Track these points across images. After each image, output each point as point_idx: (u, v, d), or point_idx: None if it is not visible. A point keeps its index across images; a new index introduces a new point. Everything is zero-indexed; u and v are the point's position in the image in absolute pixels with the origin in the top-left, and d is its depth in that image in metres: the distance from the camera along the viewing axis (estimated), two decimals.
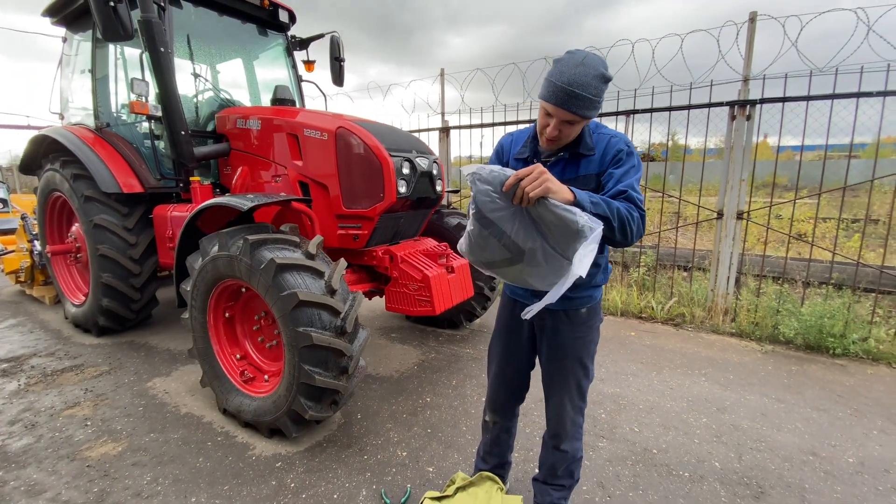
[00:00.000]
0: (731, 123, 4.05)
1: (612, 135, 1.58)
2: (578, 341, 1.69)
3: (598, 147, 1.56)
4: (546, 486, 1.88)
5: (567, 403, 1.76)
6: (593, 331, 1.73)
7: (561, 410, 1.77)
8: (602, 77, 1.41)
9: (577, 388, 1.75)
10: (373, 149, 2.93)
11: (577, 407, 1.78)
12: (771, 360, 3.63)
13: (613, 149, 1.54)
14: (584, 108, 1.42)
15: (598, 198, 1.38)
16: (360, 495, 2.14)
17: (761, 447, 2.52)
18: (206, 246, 2.55)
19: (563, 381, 1.74)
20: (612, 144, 1.55)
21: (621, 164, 1.52)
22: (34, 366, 3.64)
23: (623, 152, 1.53)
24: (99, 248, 3.72)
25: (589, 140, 1.56)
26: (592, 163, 1.56)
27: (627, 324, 4.45)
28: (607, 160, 1.54)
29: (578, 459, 1.86)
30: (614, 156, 1.53)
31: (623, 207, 1.40)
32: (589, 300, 1.70)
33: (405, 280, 3.17)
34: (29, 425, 2.78)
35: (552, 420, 1.82)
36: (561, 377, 1.74)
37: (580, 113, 1.43)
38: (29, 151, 4.53)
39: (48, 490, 2.21)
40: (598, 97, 1.44)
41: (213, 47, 4.32)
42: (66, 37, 4.52)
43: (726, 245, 4.16)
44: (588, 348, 1.73)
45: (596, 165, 1.56)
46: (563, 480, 1.86)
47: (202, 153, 3.52)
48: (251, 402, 2.57)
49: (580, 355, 1.71)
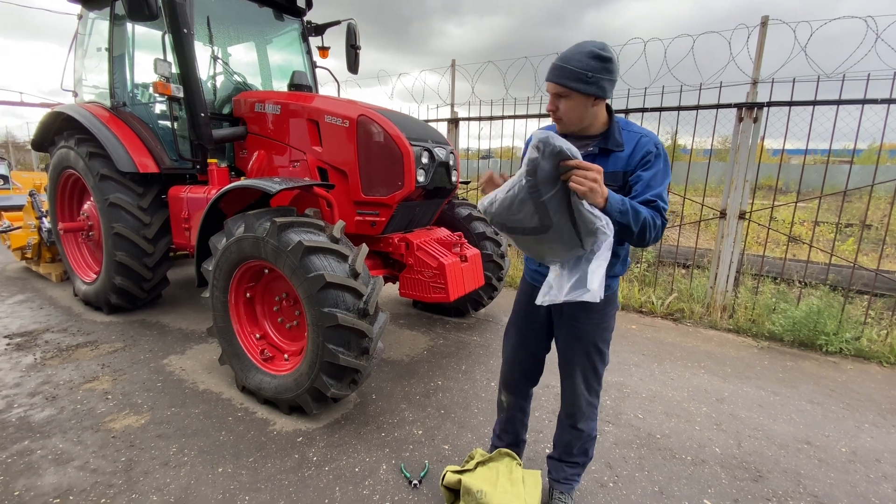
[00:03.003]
0: (738, 125, 4.15)
1: (642, 133, 1.61)
2: (595, 328, 1.76)
3: (627, 144, 1.59)
4: (561, 462, 1.99)
5: (582, 385, 1.83)
6: (609, 318, 1.79)
7: (577, 391, 1.85)
8: (592, 54, 1.45)
9: (592, 371, 1.82)
10: (394, 138, 2.99)
11: (592, 389, 1.86)
12: (767, 355, 3.77)
13: (643, 149, 1.56)
14: (569, 78, 1.46)
15: (627, 205, 1.43)
16: (380, 469, 2.24)
17: (759, 435, 2.65)
18: (232, 227, 2.62)
19: (579, 365, 1.82)
20: (641, 144, 1.57)
21: (650, 166, 1.54)
22: (48, 341, 3.69)
23: (652, 154, 1.55)
24: (114, 227, 3.76)
25: (618, 136, 1.59)
26: (620, 160, 1.59)
27: (628, 317, 4.57)
28: (636, 160, 1.56)
29: (593, 438, 1.96)
30: (643, 157, 1.55)
31: (649, 216, 1.46)
32: (606, 289, 1.75)
33: (420, 267, 3.25)
34: (49, 397, 2.85)
35: (568, 400, 1.89)
36: (578, 361, 1.81)
37: (564, 83, 1.47)
38: (42, 128, 4.53)
39: (75, 459, 2.28)
40: (586, 70, 1.46)
41: (229, 30, 4.33)
42: (81, 14, 4.50)
43: (728, 244, 4.28)
44: (604, 334, 1.79)
45: (623, 163, 1.58)
46: (578, 458, 1.96)
47: (220, 136, 3.56)
48: (272, 380, 2.65)
49: (596, 341, 1.78)
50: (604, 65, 1.47)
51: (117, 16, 3.94)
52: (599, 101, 1.55)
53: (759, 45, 4.08)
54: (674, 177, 5.08)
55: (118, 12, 3.91)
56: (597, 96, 1.51)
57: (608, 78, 1.49)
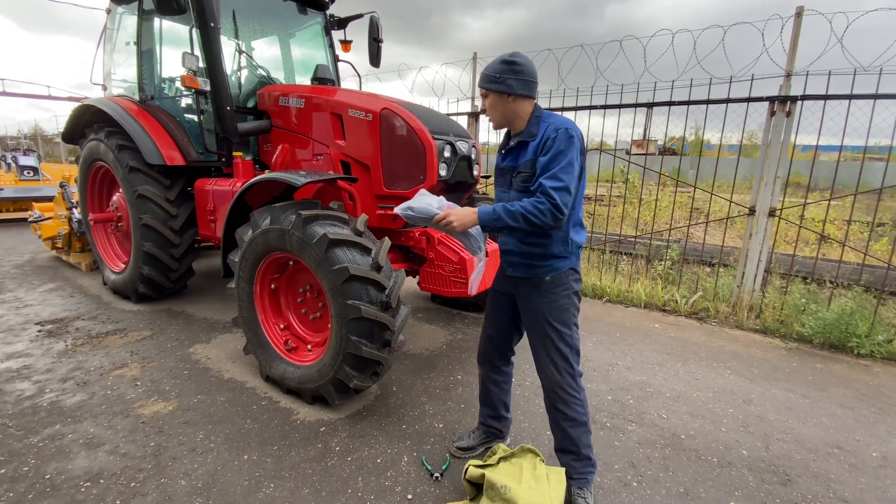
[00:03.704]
0: (770, 119, 4.02)
1: (551, 123, 1.77)
2: (546, 305, 1.87)
3: (538, 135, 1.78)
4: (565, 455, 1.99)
5: (550, 364, 1.92)
6: (560, 297, 1.88)
7: (547, 372, 1.94)
8: (501, 60, 1.78)
9: (556, 350, 1.89)
10: (417, 131, 2.98)
11: (563, 370, 1.91)
12: (795, 357, 3.67)
13: (545, 137, 1.73)
14: (485, 81, 1.80)
15: (499, 212, 1.68)
16: (402, 461, 2.25)
17: (787, 438, 2.58)
18: (258, 219, 2.65)
19: (541, 342, 1.93)
20: (546, 132, 1.74)
21: (546, 150, 1.71)
22: (78, 328, 3.81)
23: (551, 138, 1.71)
24: (142, 218, 3.85)
25: (533, 128, 1.80)
26: (530, 150, 1.78)
27: (651, 316, 4.50)
28: (540, 146, 1.75)
29: (584, 424, 1.94)
30: (544, 143, 1.73)
31: (527, 207, 1.65)
32: (551, 270, 1.86)
33: (441, 261, 3.24)
34: (80, 383, 2.94)
35: (544, 384, 1.99)
36: (539, 338, 1.93)
37: (482, 85, 1.82)
38: (72, 121, 4.65)
39: (106, 443, 2.35)
40: (496, 74, 1.77)
41: (254, 24, 4.37)
42: (109, 9, 4.59)
43: (756, 242, 4.17)
44: (559, 314, 1.88)
45: (532, 152, 1.77)
46: (576, 448, 1.95)
47: (245, 129, 3.60)
48: (295, 370, 2.69)
49: (549, 319, 1.88)
50: (510, 66, 1.76)
51: (145, 10, 4.01)
52: (515, 99, 1.79)
53: (793, 36, 3.94)
54: (700, 173, 4.97)
55: (146, 7, 3.98)
56: (507, 93, 1.77)
57: (514, 77, 1.76)
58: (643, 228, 7.03)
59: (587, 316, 4.43)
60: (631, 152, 9.53)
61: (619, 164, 8.99)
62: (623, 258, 5.79)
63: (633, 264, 5.51)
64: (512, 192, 1.87)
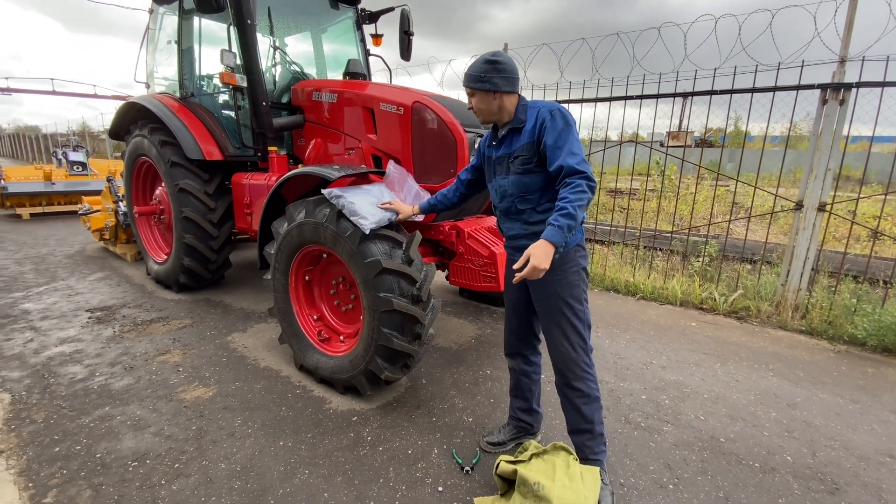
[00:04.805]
0: (822, 108, 3.78)
1: (540, 106, 1.85)
2: (558, 283, 1.89)
3: (529, 119, 1.85)
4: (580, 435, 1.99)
5: (564, 341, 1.92)
6: (571, 274, 1.90)
7: (561, 348, 1.94)
8: (485, 60, 1.84)
9: (570, 326, 1.91)
10: (448, 124, 2.96)
11: (577, 345, 1.92)
12: (845, 360, 3.47)
13: (540, 118, 1.80)
14: (471, 80, 1.86)
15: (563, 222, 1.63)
16: (432, 453, 2.27)
17: (836, 445, 2.45)
18: (293, 212, 2.70)
19: (555, 321, 1.93)
20: (539, 116, 1.81)
21: (547, 130, 1.77)
22: (125, 315, 4.00)
23: (546, 119, 1.78)
24: (183, 211, 4.00)
25: (521, 115, 1.88)
26: (525, 134, 1.85)
27: (687, 314, 4.35)
28: (537, 128, 1.81)
29: (596, 400, 1.96)
30: (541, 125, 1.79)
31: (570, 198, 1.65)
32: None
33: (471, 256, 3.22)
34: (127, 367, 3.09)
35: (556, 362, 1.98)
36: (552, 316, 1.94)
37: (469, 85, 1.88)
38: (118, 118, 4.86)
39: (151, 426, 2.47)
40: (482, 73, 1.83)
41: (288, 20, 4.44)
42: (151, 9, 4.76)
43: (803, 238, 3.95)
44: (570, 290, 1.90)
45: (528, 135, 1.84)
46: (589, 425, 1.95)
47: (280, 124, 3.67)
48: (328, 361, 2.74)
49: (562, 295, 1.90)
50: (493, 66, 1.83)
51: (185, 9, 4.14)
52: (501, 95, 1.86)
53: (848, 19, 3.69)
54: (743, 166, 4.74)
55: (186, 6, 4.11)
56: (493, 91, 1.84)
57: (499, 76, 1.83)
58: (679, 224, 6.79)
59: (619, 313, 4.32)
60: (667, 144, 9.20)
61: (654, 157, 8.69)
62: (658, 254, 5.61)
63: (669, 260, 5.34)
64: (511, 177, 1.92)
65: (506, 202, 1.98)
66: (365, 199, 2.51)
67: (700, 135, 9.50)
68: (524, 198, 1.91)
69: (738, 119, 15.00)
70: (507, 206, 1.98)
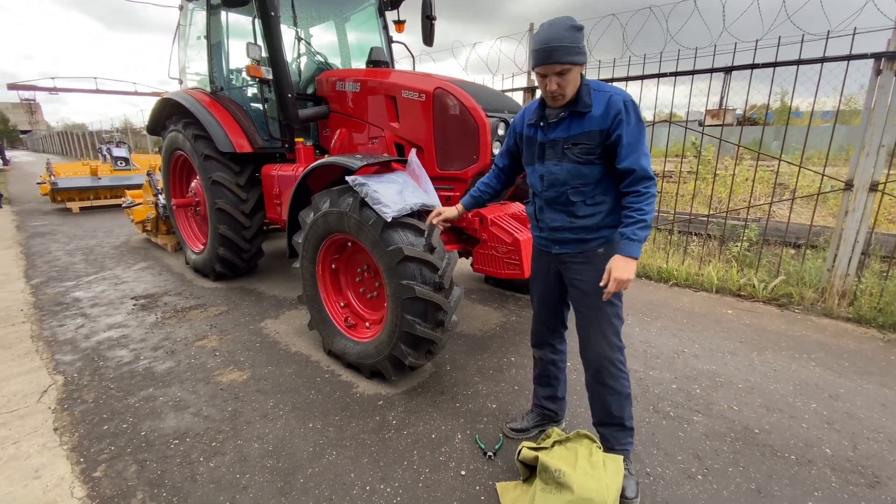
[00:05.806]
0: (876, 79, 3.50)
1: (612, 92, 1.68)
2: (599, 278, 1.76)
3: (597, 104, 1.67)
4: (608, 427, 1.97)
5: (602, 339, 1.87)
6: None
7: (597, 347, 1.89)
8: (572, 27, 1.58)
9: (609, 324, 1.86)
10: (470, 110, 2.92)
11: (613, 344, 1.87)
12: (894, 349, 3.26)
13: (614, 108, 1.64)
14: (566, 54, 1.58)
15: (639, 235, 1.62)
16: (455, 438, 2.30)
17: (879, 438, 2.32)
18: (318, 202, 2.75)
19: (594, 318, 1.87)
20: (612, 103, 1.65)
21: (622, 123, 1.63)
22: (167, 303, 4.21)
23: (622, 112, 1.63)
24: (217, 203, 4.14)
25: (587, 98, 1.68)
26: (593, 119, 1.67)
27: (724, 301, 4.18)
28: (609, 119, 1.65)
29: (627, 396, 1.94)
30: (615, 116, 1.64)
31: (641, 206, 1.63)
32: (604, 241, 1.82)
33: (495, 243, 3.20)
34: (169, 352, 3.26)
35: (591, 360, 1.93)
36: (591, 314, 1.87)
37: (566, 60, 1.59)
38: (154, 114, 5.06)
39: (191, 406, 2.61)
40: (576, 43, 1.59)
41: (311, 10, 4.47)
42: (181, 5, 4.89)
43: (853, 220, 3.70)
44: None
45: (598, 122, 1.67)
46: (619, 420, 1.93)
47: (305, 115, 3.73)
48: (355, 346, 2.81)
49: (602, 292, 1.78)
50: (581, 33, 1.61)
51: (212, 4, 4.23)
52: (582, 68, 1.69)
53: None
54: (789, 144, 4.45)
55: (213, 1, 4.19)
56: (584, 63, 1.65)
57: (584, 45, 1.65)
58: (717, 207, 6.49)
59: (651, 300, 4.21)
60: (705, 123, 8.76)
61: (690, 137, 8.29)
62: (693, 239, 5.40)
63: (705, 246, 5.13)
64: (566, 164, 1.75)
65: (553, 191, 1.80)
66: (388, 188, 2.52)
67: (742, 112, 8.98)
68: (578, 189, 1.75)
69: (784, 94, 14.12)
70: (554, 195, 1.81)
